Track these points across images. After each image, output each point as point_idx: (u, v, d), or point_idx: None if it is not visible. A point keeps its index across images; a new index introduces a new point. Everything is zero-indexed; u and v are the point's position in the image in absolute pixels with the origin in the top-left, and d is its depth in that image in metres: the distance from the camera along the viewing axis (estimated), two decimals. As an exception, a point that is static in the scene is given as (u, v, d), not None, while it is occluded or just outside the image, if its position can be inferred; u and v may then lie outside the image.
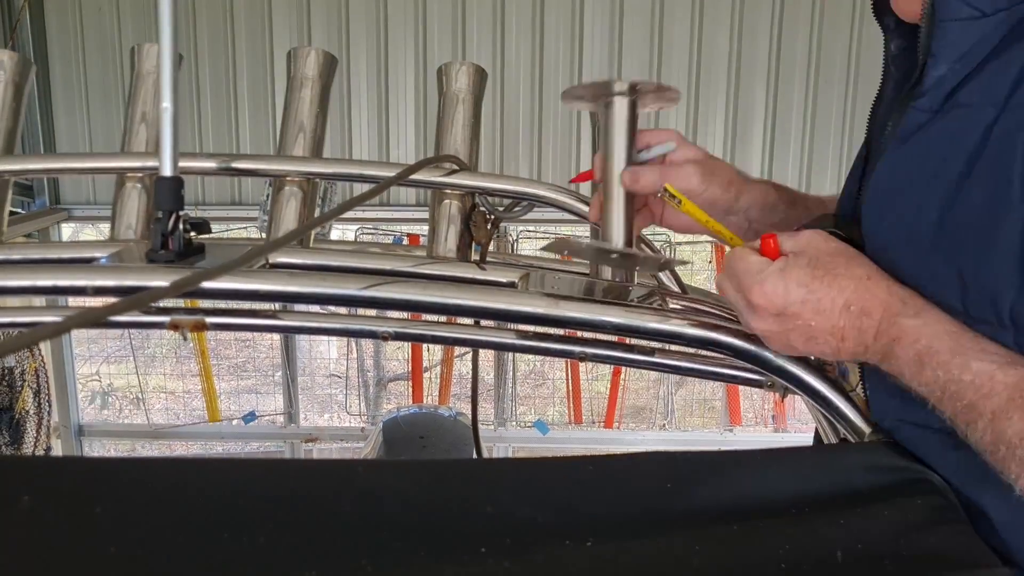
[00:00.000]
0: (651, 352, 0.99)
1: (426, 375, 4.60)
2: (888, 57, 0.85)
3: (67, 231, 4.27)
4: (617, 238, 0.93)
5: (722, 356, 0.92)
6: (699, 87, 3.95)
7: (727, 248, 0.86)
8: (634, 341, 0.97)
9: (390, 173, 0.98)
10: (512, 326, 0.99)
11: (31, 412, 3.76)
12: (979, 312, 0.67)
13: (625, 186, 0.93)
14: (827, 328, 0.74)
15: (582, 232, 4.15)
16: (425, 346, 4.37)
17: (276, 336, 4.52)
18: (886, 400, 0.78)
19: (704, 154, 0.96)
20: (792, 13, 3.87)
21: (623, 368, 4.11)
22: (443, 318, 0.96)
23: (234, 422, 4.54)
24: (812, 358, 0.84)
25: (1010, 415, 0.63)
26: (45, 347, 3.98)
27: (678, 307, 0.94)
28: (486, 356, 4.35)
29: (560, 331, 0.95)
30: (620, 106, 0.93)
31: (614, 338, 0.97)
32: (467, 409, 3.23)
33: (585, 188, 1.14)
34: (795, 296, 0.74)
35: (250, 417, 4.52)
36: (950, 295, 0.69)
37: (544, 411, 5.22)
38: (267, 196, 1.07)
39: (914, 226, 0.72)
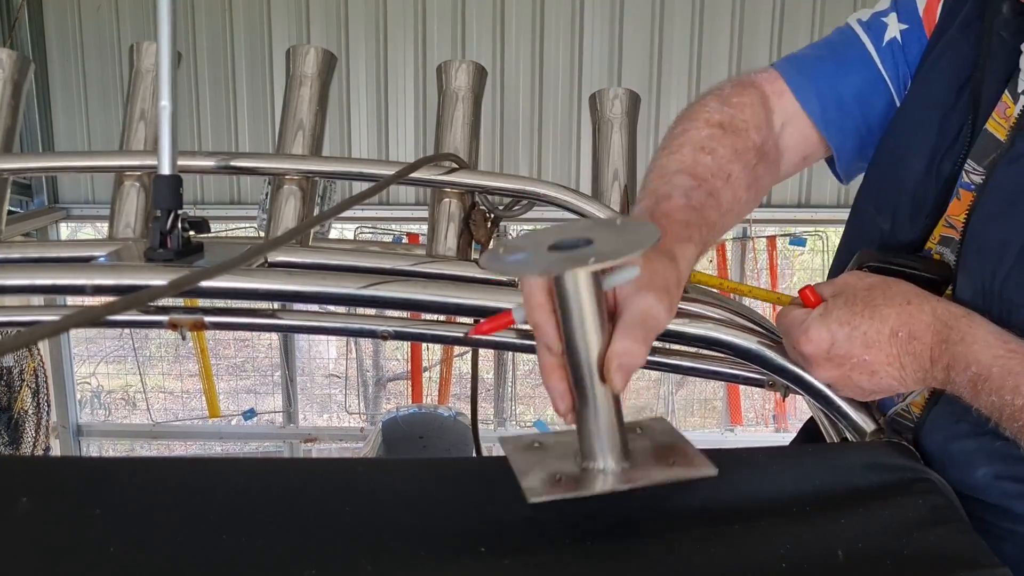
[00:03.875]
0: (651, 351, 0.99)
1: (425, 375, 4.59)
2: (986, 45, 0.80)
3: (65, 230, 4.27)
4: (604, 452, 0.63)
5: (723, 355, 0.92)
6: (699, 87, 3.94)
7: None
8: (634, 340, 0.96)
9: (389, 171, 0.98)
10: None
11: (30, 412, 3.76)
12: None
13: (615, 389, 0.62)
14: (882, 360, 0.74)
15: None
16: (424, 345, 4.36)
17: (275, 335, 4.52)
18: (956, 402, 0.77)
19: (648, 266, 0.68)
20: (792, 13, 3.87)
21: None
22: (443, 317, 0.95)
23: (233, 420, 4.54)
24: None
25: None
26: (43, 347, 3.98)
27: (679, 306, 0.93)
28: (486, 356, 4.35)
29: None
30: (584, 279, 0.60)
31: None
32: (467, 409, 3.22)
33: (585, 187, 1.14)
34: (840, 335, 0.74)
35: (249, 414, 4.52)
36: None
37: (544, 411, 5.21)
38: (266, 195, 1.07)
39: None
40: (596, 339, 0.60)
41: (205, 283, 0.68)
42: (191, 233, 0.91)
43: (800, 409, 4.25)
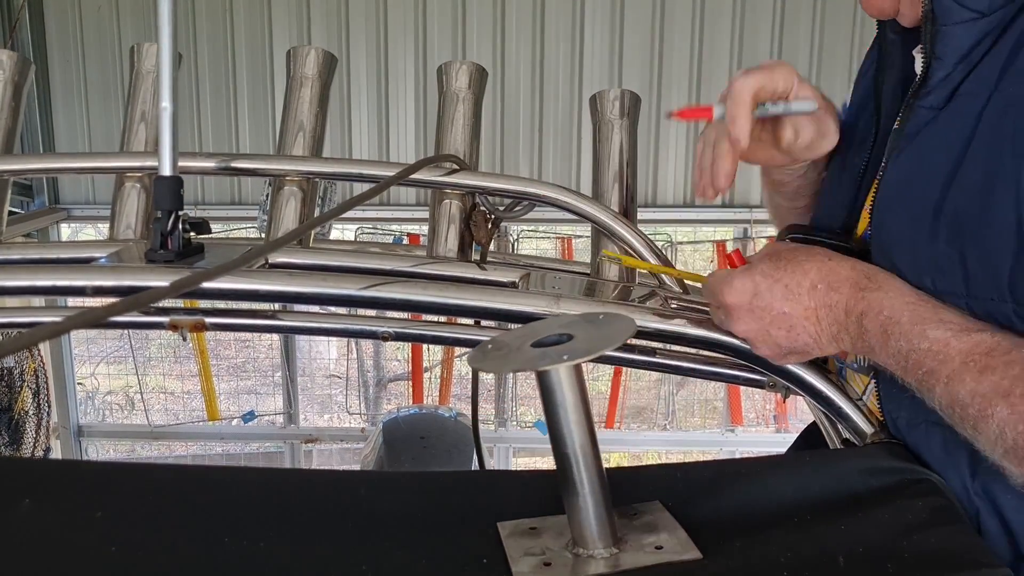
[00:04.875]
0: (652, 352, 0.99)
1: (426, 375, 4.59)
2: (884, 50, 0.87)
3: (66, 231, 4.27)
4: (594, 537, 0.64)
5: (723, 356, 0.92)
6: (700, 86, 3.94)
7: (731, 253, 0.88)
8: (635, 341, 0.96)
9: (390, 172, 0.98)
10: (513, 326, 0.98)
11: (30, 413, 3.76)
12: (979, 290, 0.69)
13: (788, 141, 0.83)
14: (800, 312, 0.76)
15: (583, 231, 4.15)
16: (425, 346, 4.36)
17: (275, 336, 4.52)
18: (898, 400, 0.78)
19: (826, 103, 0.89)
20: (792, 14, 3.87)
21: (624, 368, 4.10)
22: (443, 318, 0.95)
23: (234, 422, 4.54)
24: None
25: (963, 378, 0.66)
26: (44, 348, 3.98)
27: (679, 307, 0.93)
28: (486, 356, 4.33)
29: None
30: (565, 373, 0.62)
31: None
32: (467, 409, 3.22)
33: (586, 188, 1.14)
34: (763, 286, 0.77)
35: (249, 416, 4.52)
36: (952, 279, 0.71)
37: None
38: (267, 196, 1.07)
39: (919, 216, 0.73)
40: (580, 428, 0.62)
41: (206, 284, 0.68)
42: (192, 234, 0.91)
43: (800, 409, 4.24)
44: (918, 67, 0.77)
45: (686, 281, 0.96)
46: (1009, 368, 0.64)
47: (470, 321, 1.00)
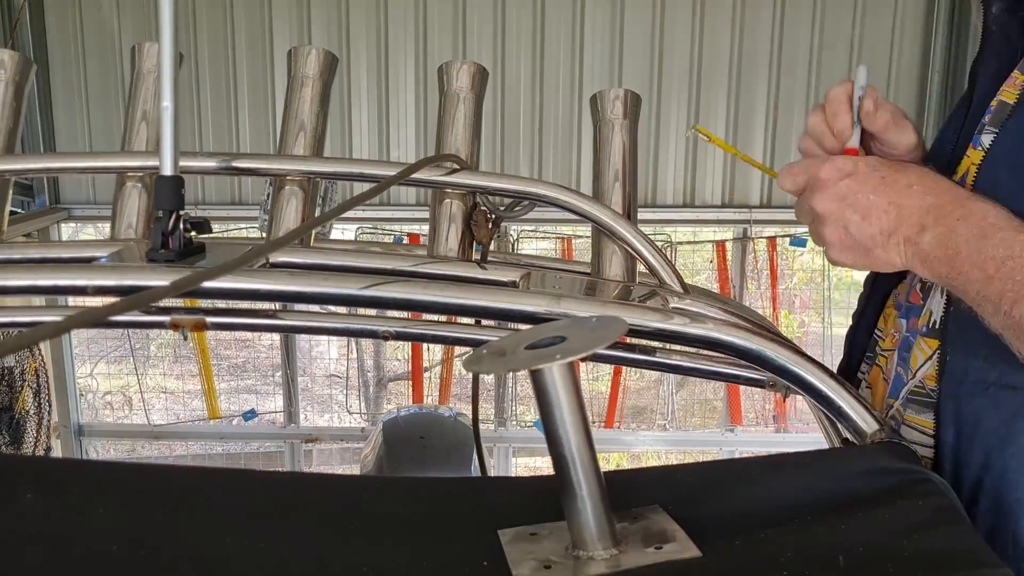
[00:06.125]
0: (652, 352, 0.99)
1: (426, 375, 4.59)
2: (988, 21, 0.88)
3: (67, 230, 4.27)
4: (593, 536, 0.64)
5: (723, 356, 0.92)
6: (700, 86, 3.95)
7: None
8: (635, 340, 0.96)
9: (390, 172, 0.98)
10: (513, 326, 0.98)
11: (31, 412, 3.76)
12: None
13: (865, 110, 0.85)
14: (884, 204, 0.76)
15: (583, 231, 4.15)
16: (425, 346, 4.36)
17: (276, 336, 4.52)
18: (966, 360, 0.79)
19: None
20: (793, 12, 3.87)
21: (623, 368, 4.11)
22: (444, 318, 0.95)
23: (234, 421, 4.54)
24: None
25: None
26: (45, 347, 3.98)
27: (679, 306, 0.93)
28: (486, 356, 4.33)
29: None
30: (558, 372, 0.63)
31: (615, 338, 0.96)
32: (467, 409, 3.22)
33: (586, 188, 1.14)
34: (863, 168, 0.78)
35: (250, 415, 4.52)
36: None
37: (544, 411, 5.20)
38: (267, 195, 1.07)
39: None
40: (575, 429, 0.62)
41: (207, 284, 0.68)
42: (192, 234, 0.91)
43: (801, 409, 4.25)
44: None
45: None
46: None
47: (471, 321, 1.00)
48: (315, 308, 1.08)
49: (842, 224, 0.78)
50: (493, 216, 1.04)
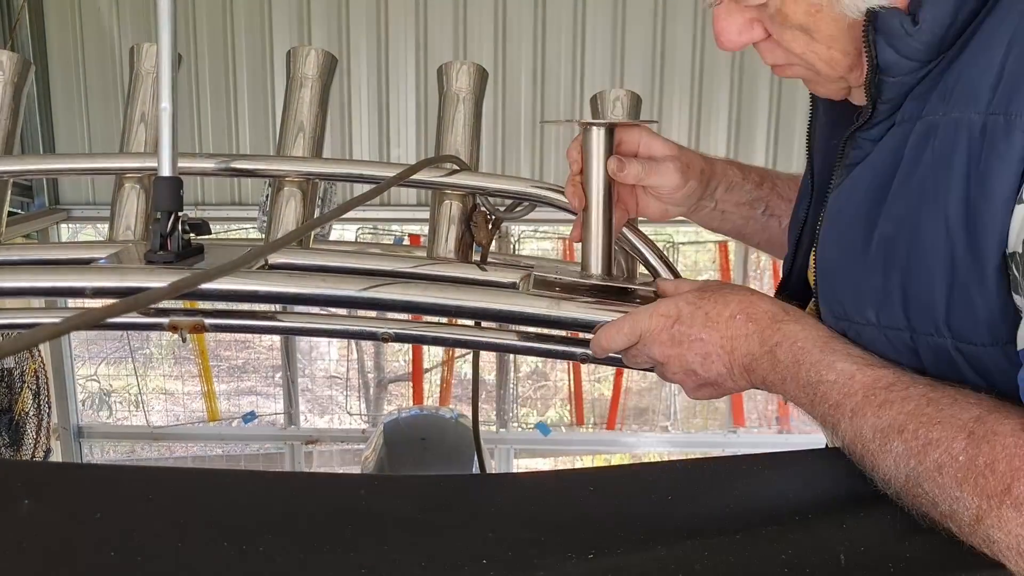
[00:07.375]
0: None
1: (427, 376, 4.59)
2: (815, 104, 0.93)
3: (66, 231, 4.27)
4: (596, 263, 0.93)
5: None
6: (702, 85, 3.94)
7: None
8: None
9: (390, 173, 0.97)
10: (513, 327, 0.98)
11: (30, 414, 3.76)
12: (920, 324, 0.69)
13: (611, 173, 0.92)
14: (716, 341, 0.78)
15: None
16: (426, 347, 4.36)
17: (276, 337, 4.52)
18: None
19: (676, 147, 0.97)
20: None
21: (625, 369, 4.09)
22: (444, 319, 0.95)
23: (234, 423, 4.54)
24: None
25: (864, 412, 0.67)
26: (44, 348, 3.98)
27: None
28: (487, 357, 4.34)
29: (562, 332, 0.95)
30: (598, 134, 0.92)
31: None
32: (468, 410, 3.22)
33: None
34: (685, 312, 0.80)
35: (250, 417, 4.51)
36: (894, 312, 0.71)
37: (545, 412, 5.21)
38: (267, 196, 1.07)
39: (856, 245, 0.74)
40: (598, 179, 0.92)
41: (205, 285, 0.68)
42: (191, 235, 0.91)
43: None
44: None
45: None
46: (905, 403, 0.64)
47: (470, 322, 1.00)
48: (315, 309, 1.08)
49: (687, 367, 0.81)
50: (493, 217, 1.04)
